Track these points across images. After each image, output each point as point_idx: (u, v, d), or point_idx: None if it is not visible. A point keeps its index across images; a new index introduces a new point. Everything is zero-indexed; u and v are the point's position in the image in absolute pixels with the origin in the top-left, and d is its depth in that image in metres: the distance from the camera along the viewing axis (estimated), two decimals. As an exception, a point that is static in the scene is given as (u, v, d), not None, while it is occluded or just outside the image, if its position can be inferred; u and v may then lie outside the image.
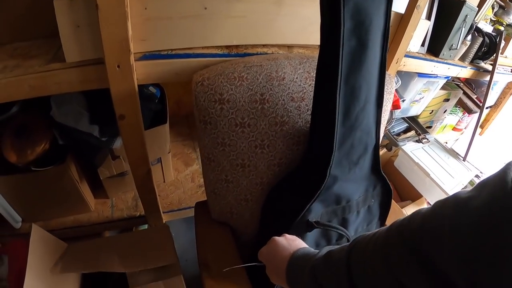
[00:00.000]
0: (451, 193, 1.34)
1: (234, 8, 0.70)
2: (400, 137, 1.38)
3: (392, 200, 0.96)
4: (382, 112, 0.68)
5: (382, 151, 1.44)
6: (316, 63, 0.61)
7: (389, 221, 0.84)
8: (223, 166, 0.69)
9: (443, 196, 1.32)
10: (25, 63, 0.70)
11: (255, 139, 0.66)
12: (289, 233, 0.59)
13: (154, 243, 0.83)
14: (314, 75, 0.71)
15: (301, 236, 0.64)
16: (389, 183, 0.75)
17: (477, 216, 0.31)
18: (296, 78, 0.69)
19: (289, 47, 0.83)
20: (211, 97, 0.62)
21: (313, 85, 0.70)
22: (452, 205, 0.34)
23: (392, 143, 1.35)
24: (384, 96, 0.77)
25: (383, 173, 0.73)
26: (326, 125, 0.60)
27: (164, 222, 1.05)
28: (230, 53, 0.74)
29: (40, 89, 0.70)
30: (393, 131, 1.38)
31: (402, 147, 1.38)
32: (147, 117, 1.00)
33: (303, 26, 0.81)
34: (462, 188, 1.55)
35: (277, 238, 0.57)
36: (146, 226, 1.08)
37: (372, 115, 0.65)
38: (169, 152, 1.08)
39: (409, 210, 1.35)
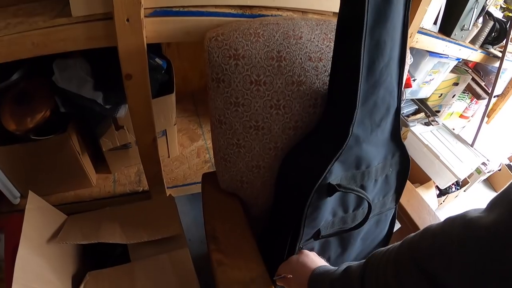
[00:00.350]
0: (460, 176, 1.31)
1: (250, -35, 0.66)
2: (410, 119, 1.35)
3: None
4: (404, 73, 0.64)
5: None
6: (336, 22, 0.57)
7: (403, 195, 0.80)
8: (235, 129, 0.65)
9: (452, 180, 1.29)
10: (29, 20, 0.66)
11: (271, 98, 0.62)
12: (311, 197, 0.58)
13: (159, 214, 0.79)
14: (332, 37, 0.68)
15: (322, 201, 0.60)
16: (407, 152, 0.71)
17: (485, 235, 0.31)
18: (313, 38, 0.65)
19: (304, 12, 0.79)
20: (225, 53, 0.58)
21: (331, 47, 0.67)
22: (462, 224, 0.35)
23: (402, 123, 1.32)
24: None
25: (402, 140, 0.69)
26: (349, 79, 0.56)
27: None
28: (244, 13, 0.70)
29: (44, 47, 0.65)
30: (403, 112, 1.34)
31: (411, 128, 1.34)
32: (154, 87, 0.95)
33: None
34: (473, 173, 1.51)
35: (293, 257, 0.61)
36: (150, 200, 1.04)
37: (395, 74, 0.61)
38: (175, 124, 1.04)
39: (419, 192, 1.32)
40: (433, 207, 1.44)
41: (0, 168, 0.94)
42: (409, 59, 0.91)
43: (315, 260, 0.58)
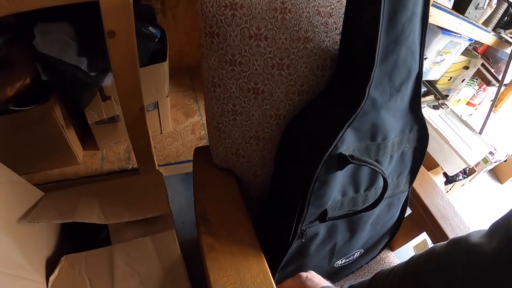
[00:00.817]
0: (470, 163, 1.22)
1: None
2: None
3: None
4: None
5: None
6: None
7: (415, 182, 0.71)
8: (230, 92, 0.56)
9: (461, 166, 1.18)
10: None
11: (273, 56, 0.53)
12: (320, 170, 0.49)
13: (144, 191, 0.70)
14: (344, -10, 0.58)
15: (331, 175, 0.50)
16: (426, 126, 0.61)
17: (487, 264, 0.33)
18: (323, -8, 0.55)
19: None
20: (220, 2, 0.49)
21: (342, 2, 0.57)
22: (465, 250, 0.36)
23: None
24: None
25: (422, 112, 0.59)
26: (367, 30, 0.47)
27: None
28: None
29: (20, 3, 0.55)
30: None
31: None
32: (145, 55, 0.86)
33: None
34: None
35: (302, 273, 0.55)
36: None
37: (417, 32, 0.52)
38: (167, 96, 0.94)
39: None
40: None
41: (-22, 142, 0.84)
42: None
43: (322, 280, 0.54)
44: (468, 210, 1.64)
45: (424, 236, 0.80)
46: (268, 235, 0.66)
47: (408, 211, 0.77)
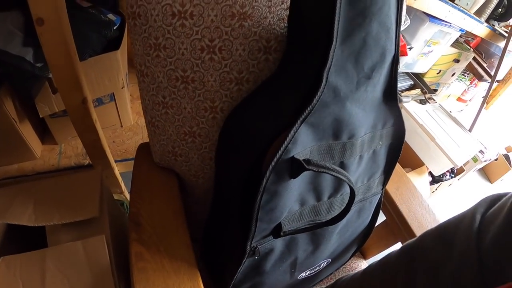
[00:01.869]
0: (458, 163, 1.08)
1: None
2: (403, 94, 1.11)
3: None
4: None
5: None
6: None
7: (391, 182, 0.60)
8: (158, 82, 0.45)
9: (448, 166, 1.03)
10: None
11: (201, 37, 0.41)
12: (266, 179, 0.36)
13: (80, 191, 0.60)
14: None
15: (282, 185, 0.38)
16: (403, 120, 0.49)
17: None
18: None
19: None
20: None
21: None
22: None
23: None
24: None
25: (398, 103, 0.47)
26: (320, 4, 0.35)
27: (117, 171, 0.81)
28: None
29: None
30: (400, 86, 1.12)
31: (405, 105, 1.11)
32: (99, 43, 0.75)
33: None
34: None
35: None
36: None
37: (393, 5, 0.39)
38: (122, 87, 0.83)
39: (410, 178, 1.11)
40: (426, 194, 1.23)
41: None
42: (403, 20, 0.68)
43: None
44: (455, 211, 1.51)
45: (399, 245, 0.69)
46: (217, 247, 0.55)
47: (383, 217, 0.66)
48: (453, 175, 1.32)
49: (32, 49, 0.68)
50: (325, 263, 0.60)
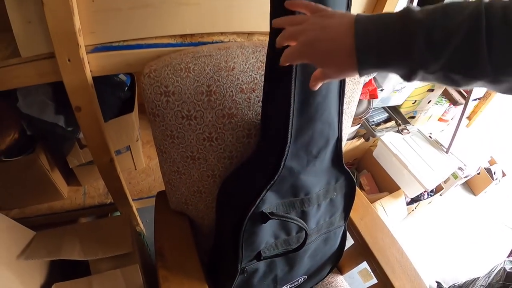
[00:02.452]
0: (428, 187, 1.32)
1: (186, -5, 0.68)
2: (379, 127, 1.35)
3: (362, 193, 0.95)
4: (348, 103, 0.66)
5: (359, 141, 1.41)
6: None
7: (354, 213, 0.83)
8: (174, 158, 0.69)
9: (420, 190, 1.30)
10: None
11: (203, 131, 0.65)
12: (245, 225, 0.60)
13: (114, 232, 0.84)
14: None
15: (257, 227, 0.63)
16: (352, 176, 0.73)
17: None
18: (247, 68, 0.67)
19: (249, 34, 0.81)
20: (157, 90, 0.61)
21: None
22: None
23: (369, 133, 1.32)
24: (350, 86, 0.75)
25: (345, 166, 0.71)
26: (280, 117, 0.58)
27: (134, 209, 1.05)
28: (183, 42, 0.73)
29: (2, 84, 0.69)
30: (372, 121, 1.35)
31: (381, 137, 1.35)
32: (115, 105, 0.99)
33: (264, 11, 0.78)
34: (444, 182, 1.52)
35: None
36: (118, 213, 1.09)
37: (334, 106, 0.62)
38: (137, 140, 1.07)
39: (386, 202, 1.33)
40: (402, 216, 1.46)
41: (-25, 185, 0.99)
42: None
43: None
44: (441, 224, 1.75)
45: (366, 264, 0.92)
46: (218, 269, 0.79)
47: (352, 241, 0.89)
48: (431, 194, 1.56)
49: (63, 116, 0.92)
50: (302, 278, 0.84)
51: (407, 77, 0.38)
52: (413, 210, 1.54)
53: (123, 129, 1.00)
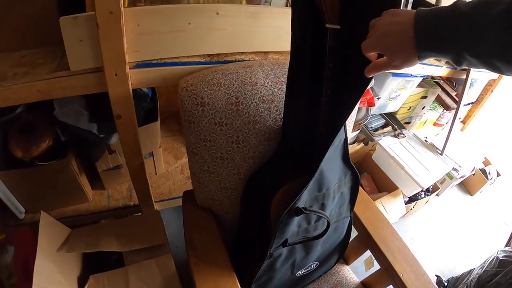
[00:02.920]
0: (424, 185, 1.51)
1: (215, 22, 0.85)
2: (377, 132, 1.54)
3: (362, 190, 1.12)
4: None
5: (359, 145, 1.60)
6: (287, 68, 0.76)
7: (357, 207, 1.00)
8: (205, 159, 0.85)
9: (417, 189, 1.52)
10: (33, 71, 0.84)
11: (231, 135, 0.82)
12: (283, 217, 0.75)
13: (147, 227, 0.99)
14: (283, 79, 0.87)
15: (291, 219, 0.78)
16: (356, 171, 0.90)
17: None
18: (267, 83, 0.84)
19: (265, 53, 0.99)
20: (194, 101, 0.78)
21: (282, 89, 0.86)
22: None
23: (368, 138, 1.51)
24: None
25: (352, 163, 0.88)
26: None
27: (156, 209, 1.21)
28: (211, 61, 0.90)
29: (47, 93, 0.84)
30: (370, 127, 1.54)
31: (379, 141, 1.54)
32: (140, 115, 1.15)
33: (278, 35, 0.96)
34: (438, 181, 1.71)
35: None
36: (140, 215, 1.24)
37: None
38: (160, 147, 1.24)
39: (385, 201, 1.51)
40: (400, 213, 1.64)
41: (8, 188, 1.14)
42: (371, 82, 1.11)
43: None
44: (439, 222, 1.93)
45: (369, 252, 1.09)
46: (243, 256, 0.96)
47: (356, 233, 1.06)
48: (428, 193, 1.74)
49: (96, 124, 1.08)
50: (315, 265, 1.00)
51: (456, 61, 0.47)
52: (411, 209, 1.72)
53: (148, 136, 1.16)
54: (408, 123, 1.74)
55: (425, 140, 1.74)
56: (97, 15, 0.71)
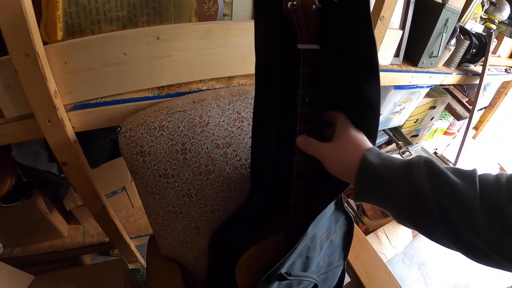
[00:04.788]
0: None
1: (156, 49, 0.67)
2: (381, 150, 1.30)
3: (358, 230, 0.92)
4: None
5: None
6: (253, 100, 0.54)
7: (350, 251, 0.81)
8: (157, 212, 0.68)
9: None
10: None
11: (181, 188, 0.64)
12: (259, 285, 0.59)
13: (109, 276, 0.85)
14: (244, 115, 0.68)
15: (270, 285, 0.62)
16: (350, 215, 0.73)
17: None
18: (223, 121, 0.65)
19: (229, 78, 0.80)
20: (133, 150, 0.61)
21: (243, 127, 0.68)
22: None
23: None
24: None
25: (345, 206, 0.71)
26: None
27: (133, 246, 1.05)
28: (161, 95, 0.72)
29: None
30: (372, 144, 1.30)
31: None
32: (108, 148, 0.99)
33: (242, 55, 0.77)
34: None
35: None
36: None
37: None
38: (131, 181, 1.07)
39: (388, 229, 1.28)
40: (406, 242, 1.40)
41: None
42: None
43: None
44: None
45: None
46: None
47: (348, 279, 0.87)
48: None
49: (56, 164, 0.93)
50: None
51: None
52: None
53: (116, 171, 1.00)
54: (416, 136, 1.48)
55: (435, 153, 1.48)
56: (12, 59, 0.56)
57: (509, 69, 1.47)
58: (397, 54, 1.14)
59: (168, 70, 0.70)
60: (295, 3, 0.43)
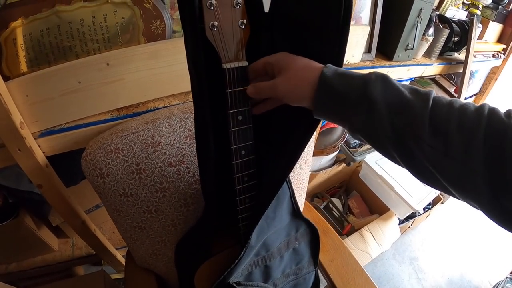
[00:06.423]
0: (417, 208, 1.31)
1: (107, 74, 0.74)
2: (361, 149, 1.34)
3: (334, 232, 0.98)
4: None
5: (341, 166, 1.41)
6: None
7: (324, 255, 0.86)
8: (125, 227, 0.76)
9: (408, 211, 1.30)
10: None
11: (141, 206, 0.72)
12: None
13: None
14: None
15: None
16: (312, 223, 0.79)
17: None
18: (174, 140, 0.72)
19: (186, 93, 0.86)
20: (93, 172, 0.68)
21: (193, 144, 0.74)
22: None
23: (349, 158, 1.32)
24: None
25: (304, 216, 0.77)
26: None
27: (119, 256, 1.15)
28: (119, 116, 0.79)
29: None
30: (354, 142, 1.34)
31: (365, 159, 1.34)
32: (80, 171, 1.08)
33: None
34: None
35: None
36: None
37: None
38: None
39: (374, 227, 1.32)
40: (393, 239, 1.44)
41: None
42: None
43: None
44: (444, 232, 1.75)
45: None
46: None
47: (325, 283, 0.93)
48: (429, 207, 1.52)
49: (38, 183, 1.02)
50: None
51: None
52: (409, 227, 1.52)
53: (90, 191, 1.09)
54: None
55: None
56: (-26, 97, 0.64)
57: (497, 54, 1.48)
58: (368, 50, 1.17)
59: (122, 92, 0.77)
60: (215, 23, 0.46)
